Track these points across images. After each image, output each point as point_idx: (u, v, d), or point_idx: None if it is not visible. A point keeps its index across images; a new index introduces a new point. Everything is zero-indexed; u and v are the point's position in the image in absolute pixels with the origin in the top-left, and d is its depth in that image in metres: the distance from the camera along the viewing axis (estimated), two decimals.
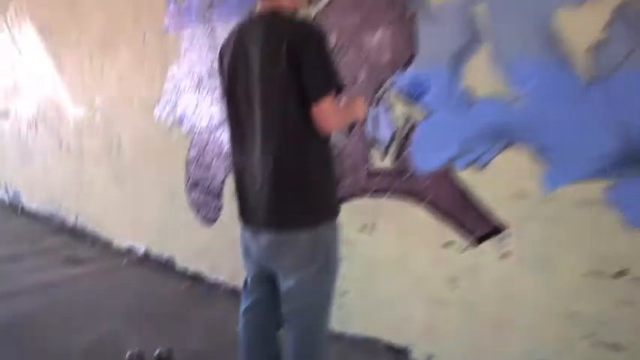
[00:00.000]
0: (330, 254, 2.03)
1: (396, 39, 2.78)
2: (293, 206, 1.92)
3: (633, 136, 2.10)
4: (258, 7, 1.97)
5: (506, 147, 2.46)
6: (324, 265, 2.01)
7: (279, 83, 1.83)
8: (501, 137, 2.47)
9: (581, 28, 2.18)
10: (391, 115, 2.84)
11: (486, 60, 2.47)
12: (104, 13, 4.88)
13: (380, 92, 2.84)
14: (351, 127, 2.30)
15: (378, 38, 2.85)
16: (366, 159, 2.98)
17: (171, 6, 4.15)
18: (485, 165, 2.54)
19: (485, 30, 2.46)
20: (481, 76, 2.50)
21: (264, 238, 2.00)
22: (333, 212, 2.02)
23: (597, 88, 2.17)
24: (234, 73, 1.97)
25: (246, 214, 2.08)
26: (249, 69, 1.90)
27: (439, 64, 2.61)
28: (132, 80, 4.68)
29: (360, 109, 2.15)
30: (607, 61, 2.14)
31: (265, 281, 2.16)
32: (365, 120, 2.33)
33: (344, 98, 2.28)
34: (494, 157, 2.50)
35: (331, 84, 1.84)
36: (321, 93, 1.81)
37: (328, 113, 1.83)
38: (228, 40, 2.06)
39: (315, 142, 1.92)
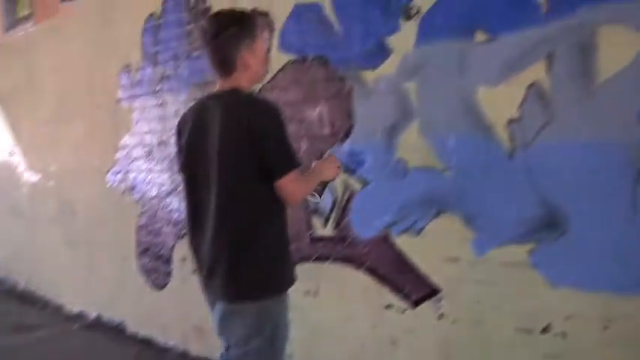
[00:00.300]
0: (279, 325, 1.97)
1: (335, 113, 2.83)
2: (246, 279, 1.88)
3: (550, 203, 2.16)
4: (218, 85, 1.95)
5: (438, 214, 2.49)
6: (271, 336, 1.94)
7: (237, 160, 1.80)
8: (433, 205, 2.50)
9: (500, 104, 2.27)
10: (331, 184, 2.85)
11: (417, 133, 2.53)
12: (60, 84, 4.82)
13: None
14: (324, 186, 2.26)
15: (318, 112, 2.89)
16: (308, 226, 2.96)
17: (124, 78, 4.12)
18: (419, 231, 2.55)
19: (416, 105, 2.53)
20: (413, 148, 2.55)
21: (219, 309, 1.95)
22: (285, 284, 1.97)
23: (517, 159, 2.24)
24: (192, 149, 1.93)
25: (206, 287, 2.03)
26: (207, 146, 1.86)
27: (374, 137, 2.66)
28: (86, 148, 4.58)
29: (329, 169, 2.16)
30: (524, 134, 2.22)
31: None
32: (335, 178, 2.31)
33: (314, 162, 2.28)
34: (427, 224, 2.53)
35: (293, 161, 1.84)
36: (285, 170, 1.80)
37: (293, 187, 1.83)
38: (186, 116, 2.02)
39: (270, 218, 1.89)
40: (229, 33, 1.85)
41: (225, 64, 1.89)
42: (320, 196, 2.25)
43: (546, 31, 2.14)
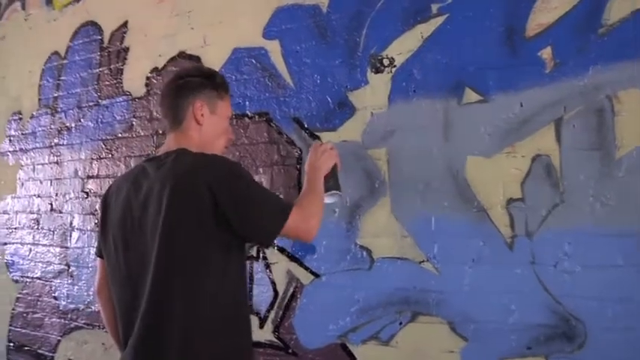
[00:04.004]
0: None
1: (280, 184, 2.23)
2: None
3: (562, 306, 1.66)
4: (164, 144, 1.59)
5: (414, 318, 1.91)
6: None
7: (188, 231, 1.41)
8: (407, 306, 1.91)
9: (497, 180, 1.79)
10: (272, 274, 2.21)
11: (387, 213, 1.98)
12: None
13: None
14: (334, 178, 1.71)
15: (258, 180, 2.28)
16: None
17: (13, 127, 3.32)
18: (388, 340, 1.94)
19: (386, 177, 1.99)
20: (381, 232, 1.99)
21: None
22: None
23: (519, 250, 1.75)
24: (124, 228, 1.53)
25: None
26: (145, 223, 1.48)
27: (330, 217, 2.07)
28: None
29: (324, 160, 1.71)
30: (528, 219, 1.73)
31: None
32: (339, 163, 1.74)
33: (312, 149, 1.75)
34: (399, 330, 1.93)
35: (284, 208, 1.47)
36: (281, 224, 1.45)
37: (305, 226, 1.50)
38: (116, 186, 1.61)
39: (228, 297, 1.48)
40: (192, 79, 1.58)
41: (175, 110, 1.57)
42: (339, 189, 1.72)
43: (553, 92, 1.72)
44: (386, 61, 2.03)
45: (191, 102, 1.55)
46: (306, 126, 2.18)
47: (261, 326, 2.21)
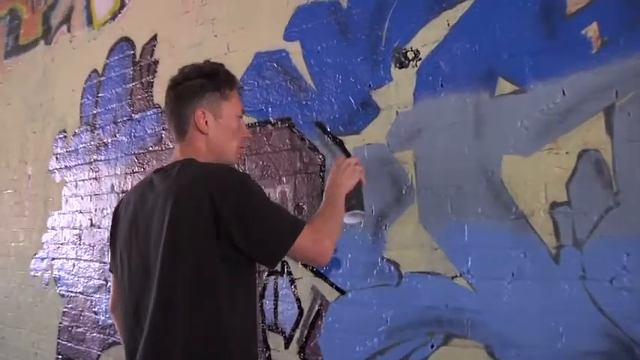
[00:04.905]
0: None
1: (302, 193, 2.07)
2: None
3: (619, 330, 1.37)
4: (174, 154, 1.47)
5: (447, 340, 1.67)
6: None
7: (191, 249, 1.29)
8: (440, 327, 1.68)
9: (538, 181, 1.54)
10: (296, 290, 2.04)
11: (415, 223, 1.76)
12: None
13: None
14: (358, 197, 1.52)
15: (280, 192, 2.13)
16: (266, 345, 2.11)
17: (59, 145, 3.38)
18: None
19: (414, 182, 1.78)
20: (409, 244, 1.77)
21: None
22: None
23: (567, 263, 1.48)
24: (130, 243, 1.42)
25: None
26: (149, 237, 1.36)
27: (354, 228, 1.87)
28: (12, 226, 3.74)
29: (348, 176, 1.52)
30: (576, 226, 1.47)
31: None
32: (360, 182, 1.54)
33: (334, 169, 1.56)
34: (431, 354, 1.69)
35: (296, 224, 1.32)
36: (290, 242, 1.29)
37: (317, 248, 1.33)
38: (126, 199, 1.51)
39: (236, 317, 1.33)
40: (191, 83, 1.43)
41: (178, 121, 1.45)
42: (362, 209, 1.53)
43: (601, 76, 1.46)
44: (410, 54, 1.82)
45: (192, 111, 1.41)
46: (328, 130, 2.01)
47: (287, 346, 2.05)
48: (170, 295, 1.30)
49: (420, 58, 1.80)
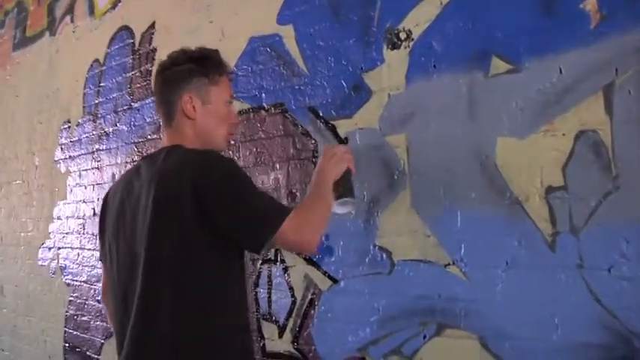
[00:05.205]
0: None
1: (295, 179, 2.02)
2: None
3: (618, 322, 1.29)
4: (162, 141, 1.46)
5: (439, 331, 1.60)
6: None
7: (175, 238, 1.26)
8: (432, 317, 1.62)
9: (533, 164, 1.45)
10: (289, 278, 1.99)
11: (407, 209, 1.69)
12: (2, 140, 4.10)
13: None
14: (348, 185, 1.45)
15: (274, 178, 2.08)
16: (259, 335, 2.07)
17: (64, 136, 3.38)
18: (411, 356, 1.65)
19: (406, 167, 1.71)
20: (401, 230, 1.70)
21: None
22: None
23: (563, 250, 1.39)
24: (117, 231, 1.39)
25: None
26: (136, 224, 1.33)
27: (346, 215, 1.81)
28: (21, 216, 3.78)
29: (336, 162, 1.44)
30: (573, 211, 1.38)
31: None
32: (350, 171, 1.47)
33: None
34: (423, 344, 1.63)
35: (280, 211, 1.27)
36: (273, 230, 1.23)
37: (301, 236, 1.27)
38: (117, 185, 1.49)
39: (225, 305, 1.31)
40: (179, 68, 1.40)
41: (165, 107, 1.42)
42: (352, 197, 1.46)
43: (600, 52, 1.36)
44: (403, 35, 1.74)
45: (179, 96, 1.38)
46: (321, 115, 1.95)
47: (280, 336, 2.00)
48: (155, 284, 1.27)
49: (413, 39, 1.72)
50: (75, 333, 3.12)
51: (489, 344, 1.50)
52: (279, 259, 2.04)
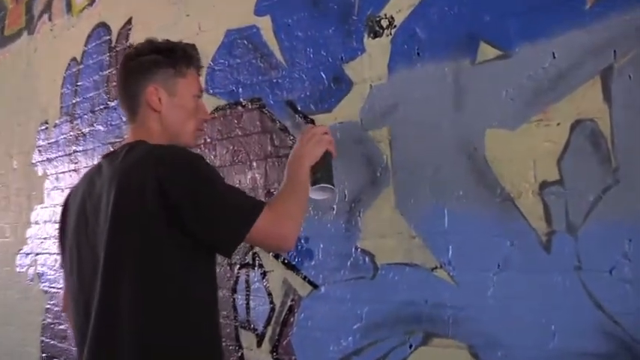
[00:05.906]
0: None
1: (273, 177, 1.88)
2: None
3: (620, 328, 1.16)
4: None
5: (426, 340, 1.46)
6: None
7: (137, 239, 1.16)
8: (418, 325, 1.48)
9: (525, 157, 1.32)
10: (268, 284, 1.85)
11: (391, 208, 1.56)
12: None
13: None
14: (326, 169, 1.33)
15: (251, 178, 1.94)
16: (238, 343, 1.92)
17: (42, 137, 3.23)
18: None
19: (390, 163, 1.57)
20: (385, 232, 1.57)
21: None
22: None
23: (559, 251, 1.26)
24: (78, 235, 1.29)
25: None
26: (97, 220, 1.23)
27: (326, 215, 1.68)
28: None
29: (314, 144, 1.35)
30: (569, 208, 1.25)
31: None
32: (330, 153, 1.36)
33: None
34: (409, 355, 1.49)
35: (254, 207, 1.17)
36: (247, 227, 1.14)
37: (276, 231, 1.19)
38: (77, 185, 1.39)
39: (194, 315, 1.21)
40: (144, 59, 1.31)
41: (129, 100, 1.33)
42: (331, 184, 1.33)
43: (597, 33, 1.23)
44: (384, 22, 1.61)
45: (143, 87, 1.28)
46: (299, 109, 1.81)
47: (259, 345, 1.86)
48: (115, 282, 1.16)
49: (395, 26, 1.58)
50: (52, 342, 2.97)
51: (480, 354, 1.36)
52: (257, 264, 1.90)
